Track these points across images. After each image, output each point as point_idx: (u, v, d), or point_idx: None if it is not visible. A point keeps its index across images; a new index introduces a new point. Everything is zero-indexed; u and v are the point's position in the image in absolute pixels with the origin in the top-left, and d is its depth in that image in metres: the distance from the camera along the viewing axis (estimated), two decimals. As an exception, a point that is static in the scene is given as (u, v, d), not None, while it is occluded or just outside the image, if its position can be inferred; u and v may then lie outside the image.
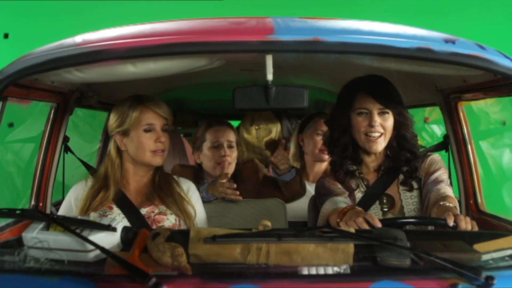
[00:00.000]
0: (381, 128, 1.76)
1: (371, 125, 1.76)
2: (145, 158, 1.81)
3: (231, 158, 2.37)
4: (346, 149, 1.83)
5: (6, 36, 4.63)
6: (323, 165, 2.68)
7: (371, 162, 1.86)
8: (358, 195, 1.84)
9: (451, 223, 1.41)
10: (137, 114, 1.79)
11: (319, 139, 2.57)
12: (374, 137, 1.76)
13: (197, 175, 2.47)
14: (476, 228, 1.44)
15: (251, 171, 2.52)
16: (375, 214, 1.79)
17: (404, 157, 1.81)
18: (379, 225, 1.39)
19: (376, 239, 1.24)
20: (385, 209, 1.82)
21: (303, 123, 2.74)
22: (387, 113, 1.78)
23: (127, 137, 1.82)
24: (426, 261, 1.20)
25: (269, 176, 2.61)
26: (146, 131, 1.80)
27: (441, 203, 1.58)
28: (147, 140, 1.80)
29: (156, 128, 1.81)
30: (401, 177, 1.84)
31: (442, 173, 1.79)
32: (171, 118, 1.85)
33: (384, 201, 1.82)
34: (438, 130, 3.64)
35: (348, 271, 1.20)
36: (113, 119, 1.84)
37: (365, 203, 1.81)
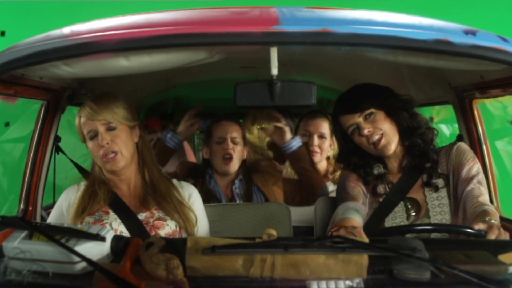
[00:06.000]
0: (376, 129, 1.69)
1: (362, 134, 1.70)
2: (101, 165, 1.71)
3: (235, 153, 2.34)
4: (363, 159, 1.78)
5: (3, 34, 4.56)
6: (321, 166, 2.58)
7: (392, 162, 1.78)
8: (383, 196, 1.76)
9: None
10: (79, 122, 1.71)
11: (305, 140, 2.54)
12: (376, 142, 1.69)
13: (202, 171, 2.43)
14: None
15: (267, 172, 2.45)
16: (401, 220, 1.70)
17: (415, 144, 1.71)
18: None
19: (393, 250, 1.13)
20: (413, 214, 1.71)
21: (298, 122, 2.71)
22: (372, 113, 1.70)
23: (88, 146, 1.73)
24: (448, 274, 1.10)
25: (287, 178, 2.53)
26: (91, 138, 1.69)
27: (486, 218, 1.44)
28: (94, 147, 1.68)
29: (99, 131, 1.67)
30: (424, 176, 1.74)
31: (472, 167, 1.67)
32: (116, 115, 1.68)
33: (409, 206, 1.72)
34: (447, 130, 3.54)
35: (362, 285, 1.09)
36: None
37: (387, 205, 1.72)
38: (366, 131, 1.68)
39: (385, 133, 1.69)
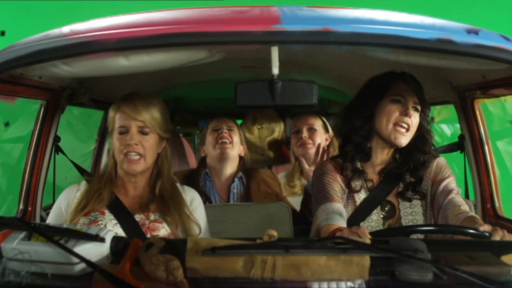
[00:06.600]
0: (410, 122, 1.67)
1: (405, 113, 1.65)
2: (119, 161, 1.70)
3: (232, 139, 2.39)
4: (367, 139, 1.72)
5: (3, 33, 4.56)
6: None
7: (378, 164, 1.75)
8: (360, 195, 1.72)
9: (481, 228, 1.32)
10: (113, 115, 1.71)
11: (294, 136, 2.61)
12: (404, 127, 1.66)
13: (196, 175, 2.40)
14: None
15: (263, 179, 2.44)
16: (376, 221, 1.70)
17: (415, 161, 1.71)
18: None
19: (395, 251, 1.12)
20: (385, 216, 1.71)
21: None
22: (417, 109, 1.69)
23: (113, 138, 1.73)
24: (450, 275, 1.08)
25: (282, 199, 2.47)
26: (121, 133, 1.69)
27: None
28: (119, 142, 1.68)
29: (130, 131, 1.67)
30: (401, 186, 1.73)
31: (451, 181, 1.69)
32: (154, 121, 1.68)
33: (386, 208, 1.72)
34: (448, 130, 3.52)
35: (364, 286, 1.08)
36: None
37: (365, 207, 1.71)
38: (409, 112, 1.65)
39: (411, 130, 1.67)
